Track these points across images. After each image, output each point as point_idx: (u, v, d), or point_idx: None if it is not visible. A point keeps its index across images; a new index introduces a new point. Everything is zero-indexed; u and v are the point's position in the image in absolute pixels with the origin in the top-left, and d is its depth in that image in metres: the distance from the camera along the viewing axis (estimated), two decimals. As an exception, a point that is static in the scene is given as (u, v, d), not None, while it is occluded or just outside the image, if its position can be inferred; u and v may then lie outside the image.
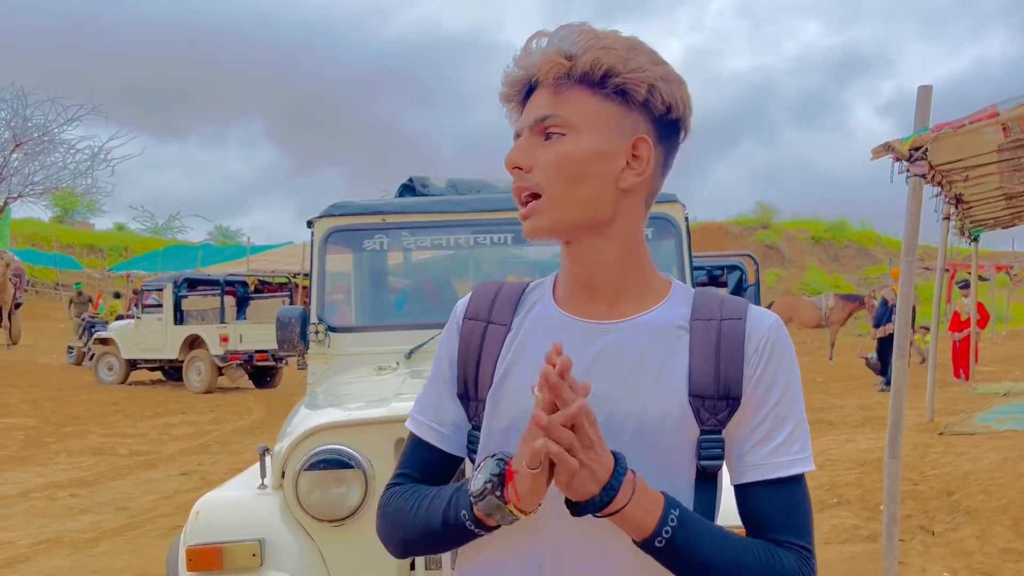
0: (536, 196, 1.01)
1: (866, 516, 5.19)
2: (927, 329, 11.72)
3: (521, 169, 1.01)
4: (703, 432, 1.00)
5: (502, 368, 1.07)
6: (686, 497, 1.01)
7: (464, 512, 0.97)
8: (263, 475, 2.42)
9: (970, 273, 12.93)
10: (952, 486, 5.52)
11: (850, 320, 19.77)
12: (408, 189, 3.79)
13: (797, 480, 1.01)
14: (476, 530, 0.98)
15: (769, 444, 1.00)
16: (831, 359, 17.92)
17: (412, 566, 2.30)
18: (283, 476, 2.33)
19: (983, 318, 14.67)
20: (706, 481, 1.02)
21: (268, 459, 2.44)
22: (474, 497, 0.95)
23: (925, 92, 4.17)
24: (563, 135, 1.00)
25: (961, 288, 13.69)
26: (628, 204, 1.05)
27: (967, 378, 12.43)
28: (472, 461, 1.10)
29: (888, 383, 12.00)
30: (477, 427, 1.09)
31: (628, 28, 1.10)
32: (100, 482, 6.90)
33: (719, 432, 1.01)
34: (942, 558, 4.40)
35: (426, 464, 1.12)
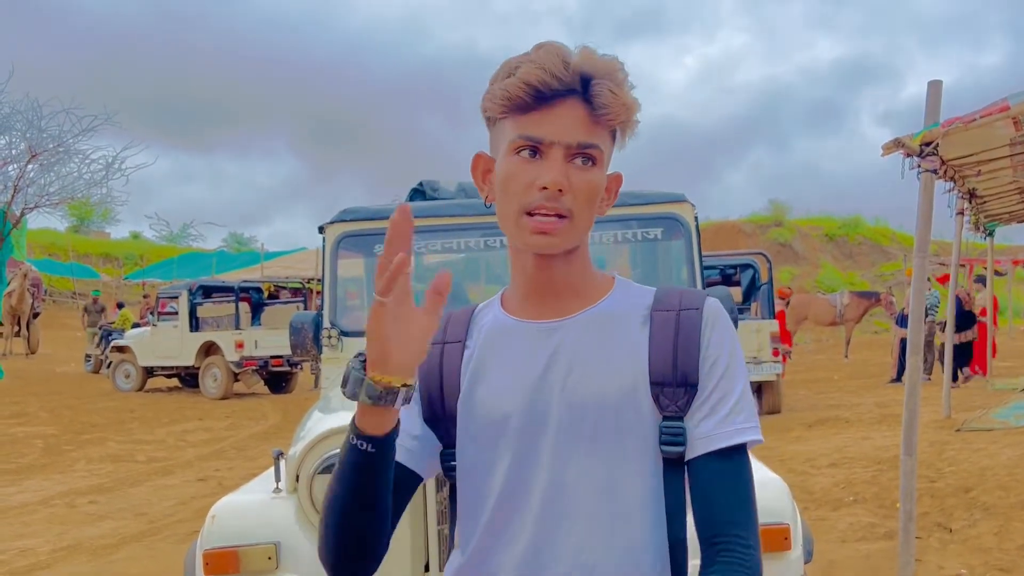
0: (560, 217, 1.02)
1: (883, 514, 5.17)
2: (942, 326, 11.63)
3: (560, 192, 1.01)
4: (665, 419, 1.05)
5: (467, 379, 1.11)
6: (654, 482, 1.05)
7: (348, 436, 0.97)
8: (278, 479, 2.44)
9: (986, 268, 12.83)
10: (969, 483, 5.49)
11: (865, 317, 19.64)
12: (418, 193, 3.80)
13: (741, 450, 1.06)
14: (360, 444, 0.96)
15: (716, 416, 1.05)
16: (846, 357, 17.82)
17: (427, 568, 2.32)
18: (298, 480, 2.35)
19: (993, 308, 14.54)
20: (673, 468, 1.06)
21: (283, 463, 2.46)
22: (343, 389, 0.96)
23: (935, 87, 4.15)
24: (593, 165, 1.04)
25: (976, 283, 13.58)
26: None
27: (984, 374, 12.34)
28: (450, 479, 1.14)
29: (898, 378, 11.94)
30: (449, 445, 1.13)
31: (645, 46, 1.12)
32: (118, 489, 6.97)
33: (680, 419, 1.05)
34: (960, 555, 4.37)
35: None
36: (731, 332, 1.09)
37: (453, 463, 1.13)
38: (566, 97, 1.02)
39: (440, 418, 1.13)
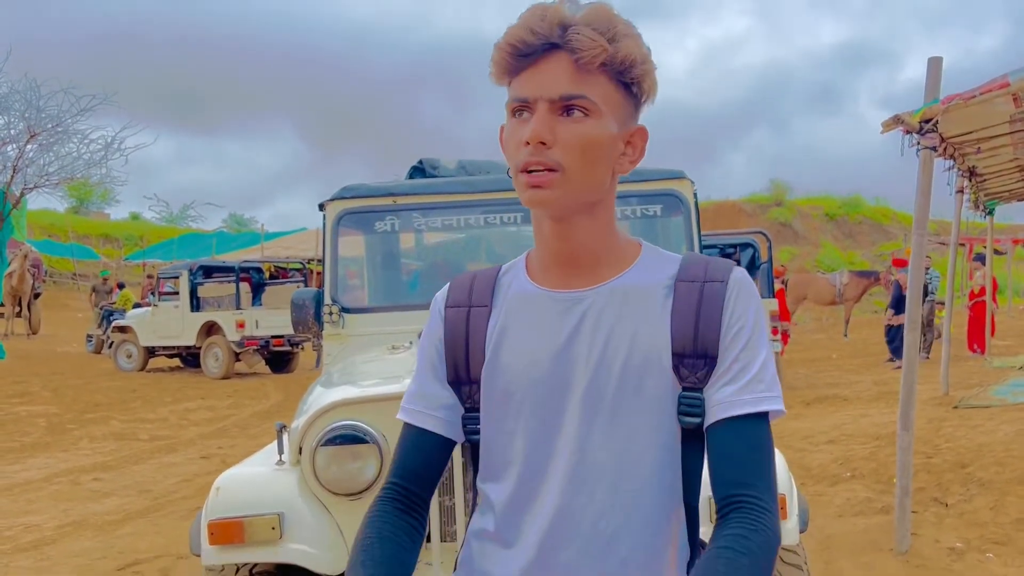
0: (551, 171, 1.01)
1: (879, 489, 5.21)
2: (942, 304, 11.66)
3: (544, 144, 1.01)
4: (684, 389, 1.05)
5: (491, 346, 1.11)
6: (672, 451, 1.06)
7: None
8: (281, 451, 2.47)
9: (985, 247, 12.83)
10: (966, 458, 5.53)
11: (865, 296, 19.66)
12: (418, 171, 3.81)
13: (762, 419, 1.04)
14: None
15: (736, 384, 1.04)
16: (846, 336, 17.87)
17: (428, 538, 2.35)
18: (300, 452, 2.38)
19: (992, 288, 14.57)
20: (692, 440, 1.07)
21: (286, 436, 2.50)
22: None
23: (935, 63, 4.15)
24: (586, 116, 1.01)
25: (975, 261, 13.60)
26: (613, 185, 1.09)
27: (983, 352, 12.38)
28: (471, 444, 1.16)
29: (894, 356, 11.98)
30: (471, 409, 1.14)
31: (647, 29, 1.10)
32: (122, 466, 7.02)
33: (699, 390, 1.05)
34: (955, 529, 4.42)
35: (421, 453, 1.16)
36: (756, 302, 1.08)
37: (474, 426, 1.14)
38: (550, 52, 1.00)
39: (464, 382, 1.14)
